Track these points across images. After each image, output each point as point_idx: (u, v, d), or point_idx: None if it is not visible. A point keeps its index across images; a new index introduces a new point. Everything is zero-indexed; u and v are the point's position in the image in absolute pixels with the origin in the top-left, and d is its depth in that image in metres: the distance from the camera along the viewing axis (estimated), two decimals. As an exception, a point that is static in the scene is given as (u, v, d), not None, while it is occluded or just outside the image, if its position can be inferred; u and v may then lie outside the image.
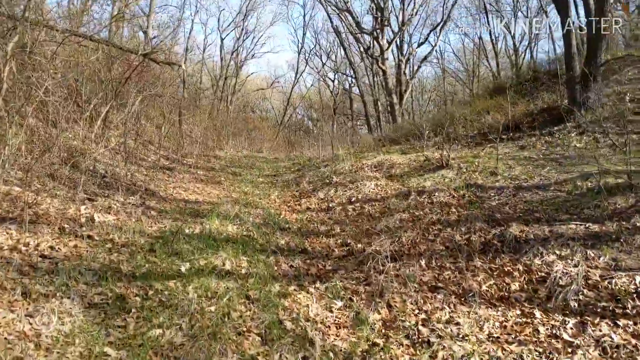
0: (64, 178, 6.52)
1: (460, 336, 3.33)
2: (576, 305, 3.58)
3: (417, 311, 3.79)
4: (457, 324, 3.52)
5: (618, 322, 3.31)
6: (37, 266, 3.76)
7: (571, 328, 3.33)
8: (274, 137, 28.50)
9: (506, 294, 3.95)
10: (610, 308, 3.47)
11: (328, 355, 3.11)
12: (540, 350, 3.13)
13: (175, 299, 3.57)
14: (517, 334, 3.34)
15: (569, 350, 3.10)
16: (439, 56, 34.92)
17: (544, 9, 24.23)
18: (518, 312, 3.65)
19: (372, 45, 23.16)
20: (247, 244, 5.25)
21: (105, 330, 3.04)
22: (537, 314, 3.57)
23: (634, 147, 6.50)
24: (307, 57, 35.75)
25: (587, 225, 4.81)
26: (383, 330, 3.50)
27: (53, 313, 3.06)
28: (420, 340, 3.34)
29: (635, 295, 3.53)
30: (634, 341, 3.09)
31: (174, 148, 13.03)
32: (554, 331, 3.33)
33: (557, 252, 4.36)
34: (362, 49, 27.37)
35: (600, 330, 3.25)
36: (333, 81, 37.93)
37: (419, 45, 24.57)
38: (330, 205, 7.55)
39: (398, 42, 24.36)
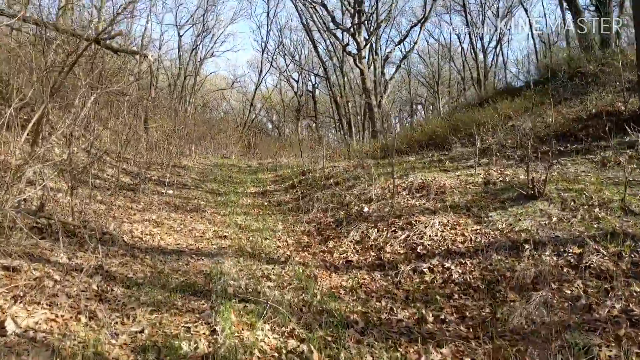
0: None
1: None
2: None
3: None
4: None
5: None
6: None
7: None
8: (237, 141, 25.40)
9: None
10: None
11: None
12: None
13: None
14: None
15: None
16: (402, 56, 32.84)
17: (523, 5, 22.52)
18: None
19: (349, 42, 20.56)
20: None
21: None
22: None
23: None
24: (271, 57, 32.81)
25: None
26: None
27: None
28: None
29: None
30: None
31: (136, 159, 9.93)
32: None
33: None
34: (331, 48, 24.87)
35: None
36: (297, 82, 35.13)
37: (400, 42, 22.20)
38: (382, 256, 4.87)
39: (373, 41, 21.92)
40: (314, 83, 34.69)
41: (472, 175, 6.74)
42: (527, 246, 4.21)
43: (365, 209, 6.23)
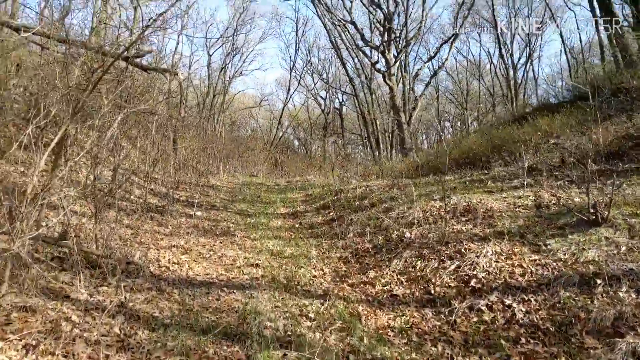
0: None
1: None
2: None
3: None
4: None
5: None
6: None
7: None
8: (265, 159, 25.22)
9: None
10: None
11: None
12: None
13: None
14: None
15: None
16: (430, 73, 32.38)
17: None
18: None
19: (378, 59, 20.25)
20: None
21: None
22: None
23: None
24: (299, 75, 32.83)
25: None
26: None
27: None
28: None
29: None
30: None
31: (164, 179, 9.73)
32: None
33: None
34: (359, 66, 24.65)
35: None
36: (324, 99, 35.01)
37: (429, 59, 21.74)
38: (431, 290, 4.41)
39: (402, 58, 21.54)
40: (341, 100, 34.54)
41: (520, 197, 6.22)
42: (599, 281, 3.69)
43: (407, 235, 5.79)
